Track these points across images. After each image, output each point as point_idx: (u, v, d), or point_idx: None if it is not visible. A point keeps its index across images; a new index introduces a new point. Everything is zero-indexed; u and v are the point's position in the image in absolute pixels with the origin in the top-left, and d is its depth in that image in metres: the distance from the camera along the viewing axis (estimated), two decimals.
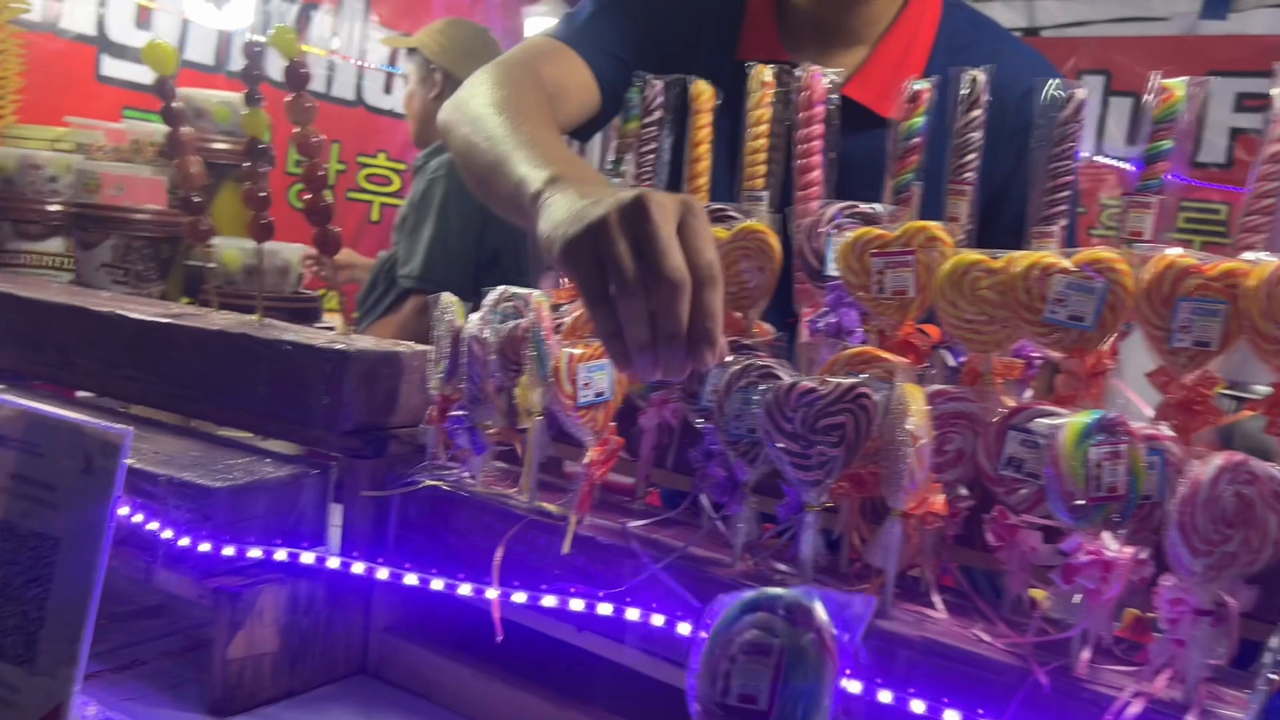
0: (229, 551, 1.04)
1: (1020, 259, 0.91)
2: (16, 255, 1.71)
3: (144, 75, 1.52)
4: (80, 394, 1.48)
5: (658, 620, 0.92)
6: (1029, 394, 0.99)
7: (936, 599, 0.90)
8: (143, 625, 1.21)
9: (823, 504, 0.90)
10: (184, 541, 1.05)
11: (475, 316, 1.12)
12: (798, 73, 1.15)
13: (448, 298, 1.15)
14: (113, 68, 4.01)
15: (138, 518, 1.07)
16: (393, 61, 4.92)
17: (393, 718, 1.09)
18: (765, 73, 1.19)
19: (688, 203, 0.83)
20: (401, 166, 5.01)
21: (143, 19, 4.13)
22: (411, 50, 3.48)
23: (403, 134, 4.88)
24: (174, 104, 1.39)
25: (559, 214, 0.88)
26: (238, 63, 1.36)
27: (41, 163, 1.74)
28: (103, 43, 3.98)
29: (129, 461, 1.04)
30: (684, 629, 0.90)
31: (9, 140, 2.01)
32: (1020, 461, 0.88)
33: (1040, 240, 1.01)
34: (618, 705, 1.02)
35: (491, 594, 1.00)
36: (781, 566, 0.94)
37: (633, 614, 0.93)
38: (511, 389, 1.07)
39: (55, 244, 1.72)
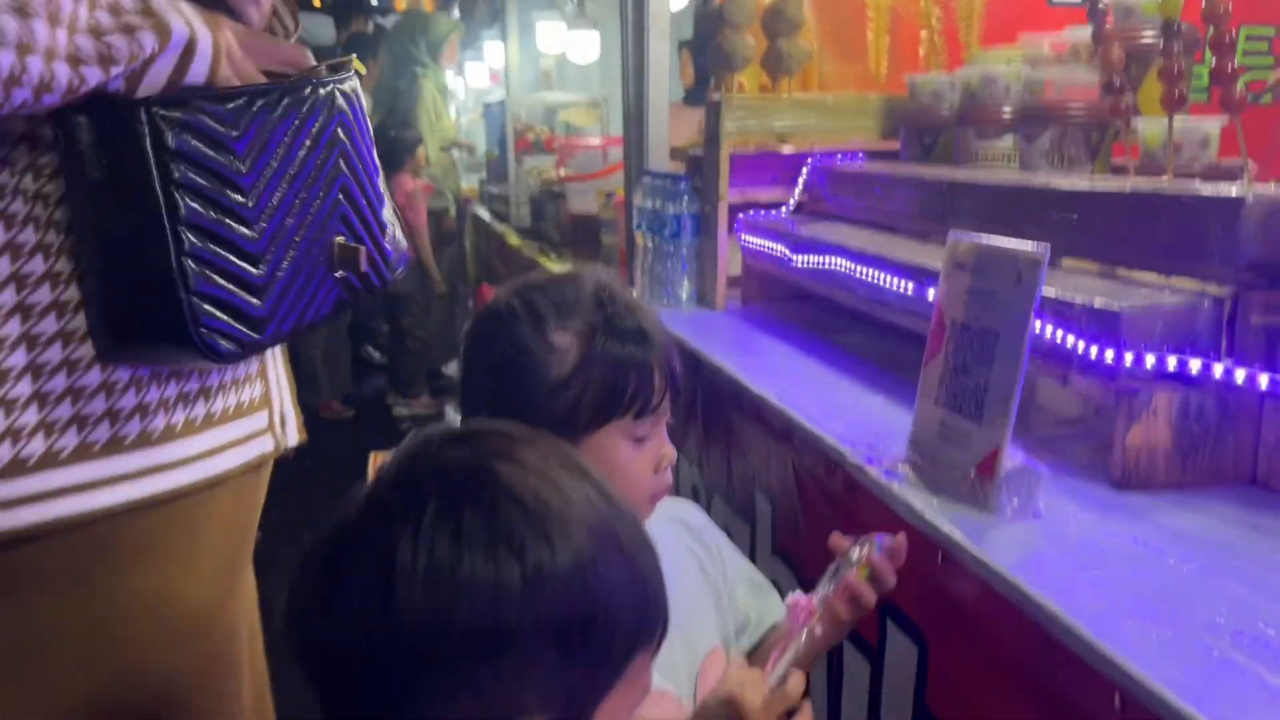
0: (1128, 359, 1.29)
1: None
2: (975, 152, 2.15)
3: None
4: None
5: None
6: None
7: None
8: (1066, 427, 1.52)
9: None
10: (1093, 351, 1.32)
11: None
12: None
13: None
14: None
15: (1060, 335, 1.37)
16: None
17: (1272, 521, 1.22)
18: None
19: None
20: None
21: None
22: None
23: None
24: (1100, 4, 1.63)
25: None
26: None
27: (997, 76, 2.13)
28: None
29: (1056, 293, 1.35)
30: None
31: (973, 62, 2.47)
32: None
33: None
34: None
35: None
36: None
37: None
38: None
39: (1005, 142, 2.11)
